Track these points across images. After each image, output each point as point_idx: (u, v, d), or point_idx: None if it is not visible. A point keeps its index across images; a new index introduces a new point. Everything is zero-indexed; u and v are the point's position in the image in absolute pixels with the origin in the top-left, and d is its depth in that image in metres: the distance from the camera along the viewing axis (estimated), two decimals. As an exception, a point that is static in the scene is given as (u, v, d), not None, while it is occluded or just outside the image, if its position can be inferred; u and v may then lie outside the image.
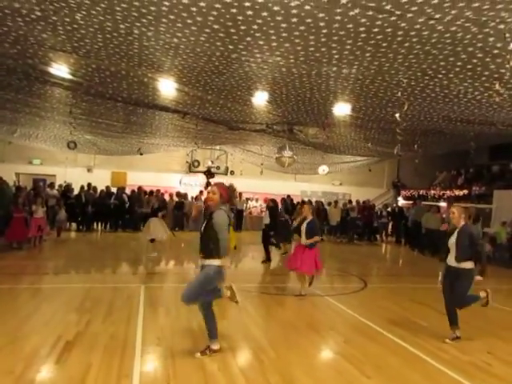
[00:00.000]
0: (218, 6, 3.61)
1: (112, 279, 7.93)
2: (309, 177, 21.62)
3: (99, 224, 15.96)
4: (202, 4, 3.55)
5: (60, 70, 6.09)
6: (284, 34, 4.15)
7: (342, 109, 7.25)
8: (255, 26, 4.05)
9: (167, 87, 6.71)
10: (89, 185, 16.02)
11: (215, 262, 4.14)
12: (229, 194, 4.26)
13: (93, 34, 4.50)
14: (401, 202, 21.73)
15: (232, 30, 4.19)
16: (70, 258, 9.71)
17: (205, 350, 4.23)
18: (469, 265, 5.07)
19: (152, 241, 10.19)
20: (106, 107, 8.37)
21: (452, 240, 5.20)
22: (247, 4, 3.52)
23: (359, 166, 19.26)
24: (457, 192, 19.83)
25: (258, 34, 4.27)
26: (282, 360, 4.26)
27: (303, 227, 6.96)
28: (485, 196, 18.08)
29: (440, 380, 4.04)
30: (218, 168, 18.71)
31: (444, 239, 5.39)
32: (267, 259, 10.09)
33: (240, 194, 17.79)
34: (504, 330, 5.95)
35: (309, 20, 3.73)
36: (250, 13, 3.81)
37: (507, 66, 4.15)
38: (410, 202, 19.59)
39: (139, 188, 16.37)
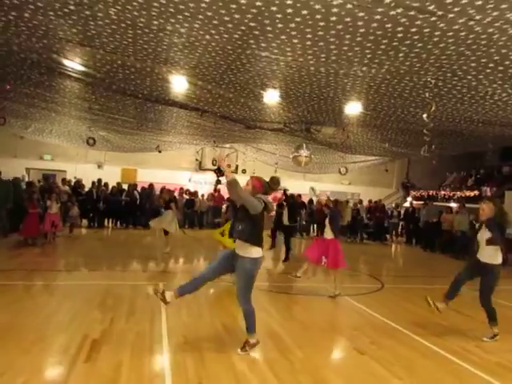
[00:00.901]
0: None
1: (130, 277, 7.92)
2: (318, 176, 21.60)
3: (110, 221, 16.02)
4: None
5: (84, 65, 6.10)
6: (308, 31, 4.10)
7: (361, 109, 7.21)
8: (276, 22, 3.97)
9: (187, 84, 6.70)
10: (99, 181, 16.05)
11: (250, 254, 4.15)
12: (264, 186, 4.28)
13: (124, 29, 4.48)
14: (408, 202, 21.63)
15: (252, 24, 4.11)
16: (85, 255, 9.72)
17: (244, 345, 4.24)
18: (496, 260, 5.10)
19: (166, 233, 10.18)
20: (125, 103, 8.37)
21: (481, 235, 5.20)
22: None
23: (369, 166, 19.21)
24: (467, 193, 19.72)
25: (277, 31, 4.22)
26: (310, 360, 4.24)
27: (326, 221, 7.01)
28: (496, 197, 17.95)
29: (471, 381, 4.03)
30: (228, 166, 18.65)
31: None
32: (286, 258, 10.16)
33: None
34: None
35: (334, 18, 3.69)
36: (273, 9, 3.76)
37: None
38: (420, 202, 19.51)
39: (150, 185, 16.39)
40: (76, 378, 3.53)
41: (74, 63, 5.90)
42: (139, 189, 16.59)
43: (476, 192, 19.26)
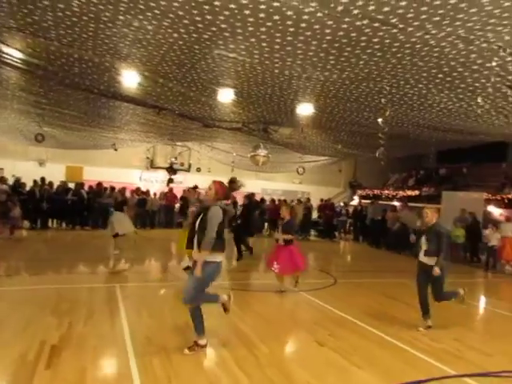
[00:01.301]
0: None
1: (83, 279, 7.63)
2: (270, 175, 21.93)
3: (54, 221, 15.25)
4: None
5: (36, 57, 5.79)
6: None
7: (319, 111, 7.47)
8: (248, 25, 3.99)
9: (147, 81, 6.58)
10: (43, 179, 15.20)
11: (212, 258, 4.18)
12: (225, 191, 4.32)
13: (85, 22, 4.33)
14: (356, 200, 22.56)
15: (223, 26, 4.10)
16: (31, 259, 9.20)
17: (193, 345, 4.25)
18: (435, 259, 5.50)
19: (115, 236, 9.84)
20: (77, 98, 8.04)
21: (423, 239, 5.63)
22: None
23: (320, 166, 19.83)
24: (409, 192, 20.94)
25: (247, 34, 4.26)
26: (274, 354, 4.37)
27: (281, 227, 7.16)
28: (434, 197, 19.21)
29: (422, 366, 4.34)
30: (182, 164, 18.47)
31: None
32: (239, 256, 10.20)
33: (195, 186, 17.73)
34: (467, 320, 6.49)
35: (303, 25, 3.84)
36: (246, 12, 3.84)
37: (490, 81, 4.52)
38: (367, 201, 20.42)
39: (99, 184, 15.80)
40: (39, 384, 3.40)
41: (20, 53, 5.58)
42: (86, 187, 15.94)
43: (417, 192, 20.54)
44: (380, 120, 6.07)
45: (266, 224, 17.77)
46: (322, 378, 3.89)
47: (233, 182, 4.65)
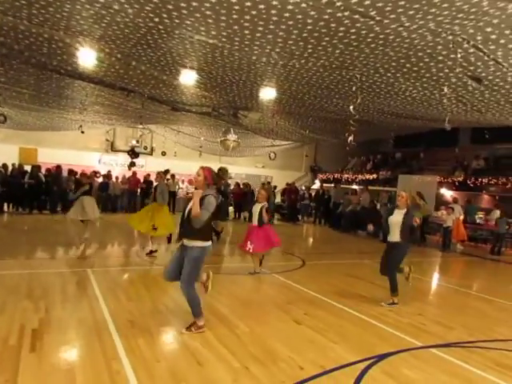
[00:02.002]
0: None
1: (51, 264, 7.46)
2: (233, 159, 21.93)
3: (10, 205, 14.62)
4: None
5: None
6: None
7: (288, 97, 7.60)
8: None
9: (114, 61, 6.41)
10: (-5, 161, 14.48)
11: (201, 244, 4.30)
12: (213, 177, 4.39)
13: (61, 3, 4.17)
14: (318, 184, 23.13)
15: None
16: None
17: (190, 326, 4.36)
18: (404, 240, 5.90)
19: (82, 220, 9.66)
20: (40, 78, 7.69)
21: (395, 219, 5.94)
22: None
23: (283, 150, 20.10)
24: (367, 176, 21.73)
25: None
26: (256, 333, 4.56)
27: (254, 210, 7.30)
28: (390, 180, 20.08)
29: (391, 339, 4.68)
30: (145, 148, 18.11)
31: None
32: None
33: (173, 175, 17.54)
34: (425, 296, 7.00)
35: (287, 14, 3.92)
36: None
37: (454, 72, 4.83)
38: (329, 184, 21.01)
39: (58, 167, 15.25)
40: (27, 368, 3.38)
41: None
42: (43, 170, 15.32)
43: (374, 175, 21.36)
44: (351, 107, 6.31)
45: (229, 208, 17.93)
46: (303, 353, 4.11)
47: (221, 170, 4.70)
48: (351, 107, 6.32)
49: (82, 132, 14.26)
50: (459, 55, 4.62)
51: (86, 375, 3.36)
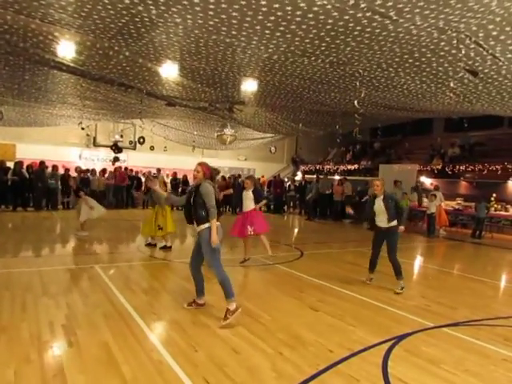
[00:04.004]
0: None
1: (58, 261, 7.41)
2: (216, 152, 21.94)
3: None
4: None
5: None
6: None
7: (286, 92, 7.75)
8: None
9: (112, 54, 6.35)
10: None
11: (209, 225, 4.54)
12: (211, 172, 4.71)
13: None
14: (300, 176, 23.45)
15: None
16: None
17: (226, 315, 4.47)
18: (395, 222, 6.24)
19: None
20: (34, 73, 7.51)
21: (378, 207, 6.27)
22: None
23: (266, 143, 20.27)
24: (349, 166, 22.20)
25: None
26: (279, 321, 4.74)
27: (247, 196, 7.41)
28: (371, 169, 20.62)
29: (404, 321, 4.97)
30: (131, 143, 17.90)
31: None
32: None
33: (158, 170, 17.47)
34: (424, 280, 7.38)
35: (311, 15, 4.05)
36: None
37: (460, 67, 5.11)
38: (312, 176, 21.32)
39: (41, 163, 14.92)
40: (70, 363, 3.45)
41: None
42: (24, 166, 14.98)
43: (356, 166, 21.85)
44: (356, 102, 6.53)
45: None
46: (328, 337, 4.33)
47: (214, 169, 4.99)
48: (355, 101, 6.55)
49: (83, 128, 14.12)
50: (463, 51, 4.88)
51: (130, 366, 3.46)
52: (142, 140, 16.59)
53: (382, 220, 6.29)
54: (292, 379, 3.39)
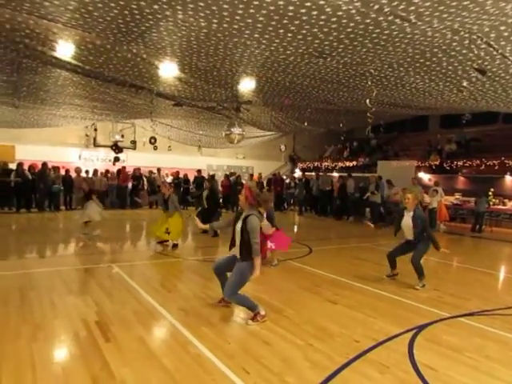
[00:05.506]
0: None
1: (74, 261, 7.54)
2: (214, 151, 22.01)
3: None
4: None
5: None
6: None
7: (295, 92, 7.90)
8: None
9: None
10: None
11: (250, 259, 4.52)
12: (255, 198, 4.62)
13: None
14: (298, 173, 23.61)
15: None
16: (13, 242, 8.85)
17: (255, 316, 4.57)
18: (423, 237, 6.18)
19: (86, 222, 9.83)
20: (45, 75, 7.60)
21: (406, 222, 6.25)
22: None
23: (265, 141, 20.39)
24: (347, 163, 22.42)
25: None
26: (301, 315, 4.90)
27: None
28: (369, 166, 20.85)
29: (421, 312, 5.16)
30: (133, 142, 17.95)
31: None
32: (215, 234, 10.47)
33: (158, 169, 17.54)
34: (433, 273, 7.54)
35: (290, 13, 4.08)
36: None
37: (472, 67, 5.30)
38: (310, 173, 21.50)
39: (44, 164, 14.97)
40: (112, 357, 3.57)
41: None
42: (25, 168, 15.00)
43: (354, 162, 22.07)
44: (368, 101, 6.69)
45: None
46: (351, 328, 4.50)
47: (259, 194, 4.82)
48: (367, 100, 6.71)
49: (95, 130, 14.05)
50: (475, 51, 5.06)
51: (169, 359, 3.60)
52: (153, 140, 16.59)
53: (409, 234, 6.27)
54: (326, 368, 3.55)
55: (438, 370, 3.57)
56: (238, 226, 4.61)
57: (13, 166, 14.89)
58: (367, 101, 6.82)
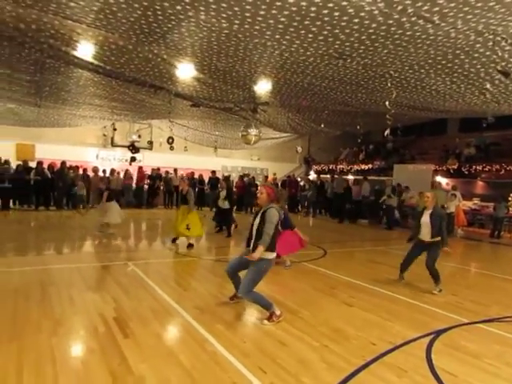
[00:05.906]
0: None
1: (92, 258, 7.66)
2: (229, 152, 22.08)
3: (16, 202, 14.58)
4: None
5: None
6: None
7: (312, 93, 7.89)
8: None
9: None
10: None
11: (267, 256, 4.52)
12: (276, 195, 4.67)
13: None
14: (312, 175, 23.53)
15: None
16: (19, 240, 8.98)
17: (270, 316, 4.56)
18: (439, 238, 6.17)
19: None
20: (67, 76, 7.75)
21: (425, 220, 6.24)
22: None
23: (280, 143, 20.38)
24: (362, 166, 22.27)
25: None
26: (317, 316, 4.88)
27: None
28: (385, 169, 20.66)
29: (439, 317, 5.09)
30: (149, 143, 18.14)
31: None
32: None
33: (175, 170, 17.67)
34: (451, 278, 7.44)
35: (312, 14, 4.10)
36: None
37: (496, 68, 5.22)
38: (325, 176, 21.42)
39: (63, 163, 15.25)
40: (131, 352, 3.61)
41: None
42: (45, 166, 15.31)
43: (370, 165, 21.91)
44: (387, 103, 6.65)
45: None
46: (367, 331, 4.47)
47: (278, 190, 4.90)
48: (387, 102, 6.67)
49: (115, 129, 14.26)
50: (499, 53, 4.98)
51: (186, 356, 3.62)
52: (170, 140, 16.77)
53: (426, 233, 6.26)
54: (342, 370, 3.53)
55: (458, 376, 3.52)
56: (257, 220, 4.64)
57: (33, 164, 15.16)
58: (386, 103, 6.77)
